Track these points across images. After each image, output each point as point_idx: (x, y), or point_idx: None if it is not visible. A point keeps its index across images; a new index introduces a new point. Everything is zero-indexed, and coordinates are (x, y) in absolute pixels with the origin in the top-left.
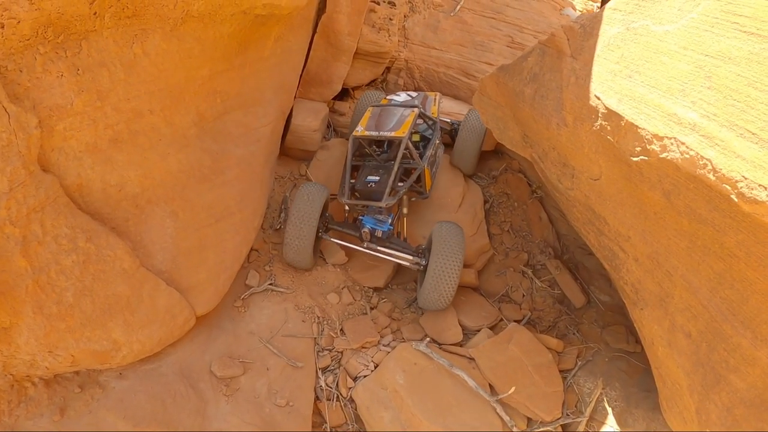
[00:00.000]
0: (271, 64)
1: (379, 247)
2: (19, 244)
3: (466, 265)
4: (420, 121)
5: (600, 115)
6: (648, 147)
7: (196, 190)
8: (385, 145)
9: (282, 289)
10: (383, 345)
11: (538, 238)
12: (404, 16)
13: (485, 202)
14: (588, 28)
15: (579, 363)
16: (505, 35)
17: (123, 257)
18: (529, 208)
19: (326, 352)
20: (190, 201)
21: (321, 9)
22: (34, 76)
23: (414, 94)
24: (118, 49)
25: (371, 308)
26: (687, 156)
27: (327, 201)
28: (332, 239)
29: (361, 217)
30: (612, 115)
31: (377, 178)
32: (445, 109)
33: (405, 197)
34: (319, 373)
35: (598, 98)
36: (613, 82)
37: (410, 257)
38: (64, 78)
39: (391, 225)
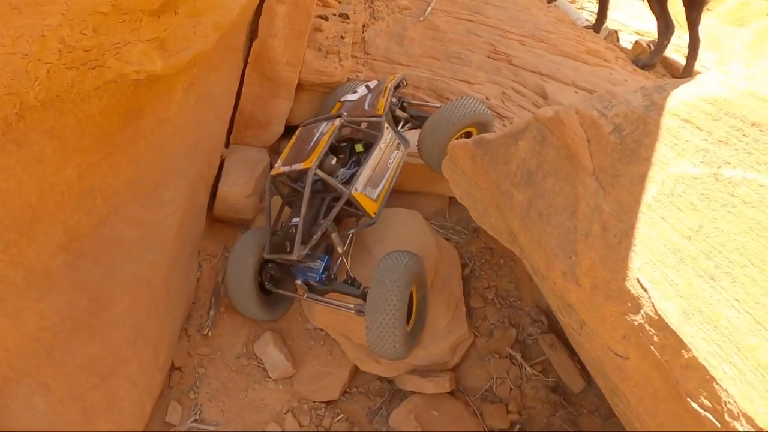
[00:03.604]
0: (182, 123)
1: (319, 298)
2: None
3: (436, 370)
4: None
5: (644, 315)
6: (727, 419)
7: (71, 346)
8: None
9: (209, 427)
10: None
11: (529, 303)
12: (363, 26)
13: (464, 266)
14: (630, 140)
15: None
16: (486, 43)
17: None
18: (517, 265)
19: None
20: (63, 364)
21: (253, 33)
22: None
23: (373, 83)
24: None
25: None
26: None
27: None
28: (281, 291)
29: (291, 268)
30: (668, 333)
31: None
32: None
33: (334, 235)
34: None
35: (645, 290)
36: (678, 275)
37: (351, 304)
38: None
39: (324, 270)
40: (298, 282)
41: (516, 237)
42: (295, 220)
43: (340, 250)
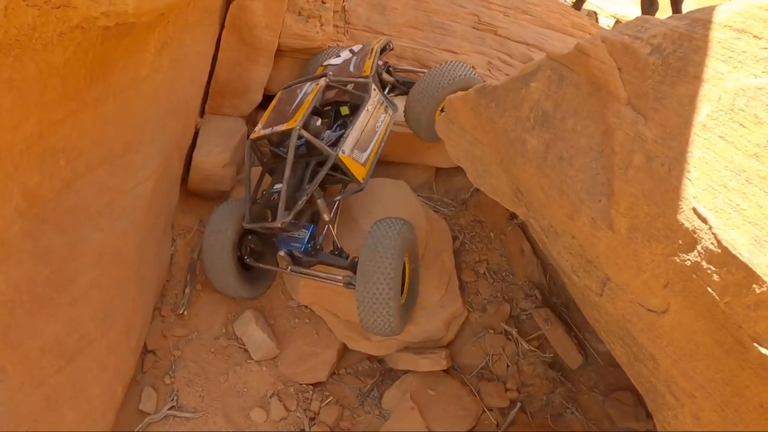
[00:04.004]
0: (155, 85)
1: (304, 270)
2: None
3: (429, 347)
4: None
5: (701, 251)
6: None
7: (31, 325)
8: None
9: (187, 414)
10: None
11: (521, 277)
12: None
13: (454, 239)
14: (673, 59)
15: None
16: (470, 13)
17: None
18: (507, 238)
19: None
20: (22, 345)
21: None
22: None
23: (357, 47)
24: None
25: (311, 419)
26: None
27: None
28: (263, 265)
29: (274, 239)
30: (734, 267)
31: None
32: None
33: (320, 201)
34: None
35: (704, 220)
36: (745, 199)
37: (340, 276)
38: None
39: (310, 240)
40: (281, 254)
41: (523, 193)
42: (277, 186)
43: (326, 217)
